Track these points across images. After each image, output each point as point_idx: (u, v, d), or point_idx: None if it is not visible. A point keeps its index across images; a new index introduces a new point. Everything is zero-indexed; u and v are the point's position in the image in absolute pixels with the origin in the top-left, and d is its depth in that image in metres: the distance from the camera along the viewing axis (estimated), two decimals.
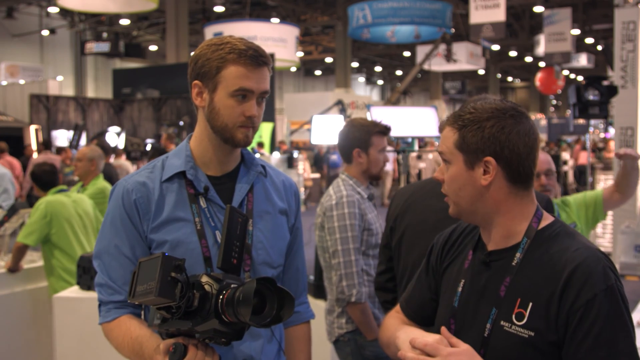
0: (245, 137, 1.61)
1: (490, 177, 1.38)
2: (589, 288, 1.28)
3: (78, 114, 17.80)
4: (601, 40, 22.76)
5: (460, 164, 1.40)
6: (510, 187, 1.39)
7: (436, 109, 5.26)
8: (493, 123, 1.37)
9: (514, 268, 1.37)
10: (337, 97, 18.35)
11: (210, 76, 1.59)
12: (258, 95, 1.60)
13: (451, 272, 1.54)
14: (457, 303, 1.46)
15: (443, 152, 1.44)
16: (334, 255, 2.76)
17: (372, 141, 2.86)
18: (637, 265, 4.25)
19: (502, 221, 1.41)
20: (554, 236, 1.39)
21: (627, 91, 6.59)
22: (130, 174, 1.70)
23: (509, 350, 1.33)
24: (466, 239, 1.56)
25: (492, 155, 1.37)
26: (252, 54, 1.58)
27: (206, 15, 23.59)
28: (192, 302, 1.36)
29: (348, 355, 2.88)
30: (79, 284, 3.90)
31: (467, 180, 1.40)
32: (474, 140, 1.37)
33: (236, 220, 1.54)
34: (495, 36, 15.42)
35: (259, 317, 1.34)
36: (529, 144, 1.38)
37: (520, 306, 1.33)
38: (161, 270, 1.33)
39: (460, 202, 1.43)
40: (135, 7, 16.77)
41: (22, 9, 24.09)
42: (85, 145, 5.83)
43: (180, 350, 1.36)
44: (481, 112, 1.39)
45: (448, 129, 1.43)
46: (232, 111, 1.58)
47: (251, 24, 20.83)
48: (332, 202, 2.79)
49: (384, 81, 43.63)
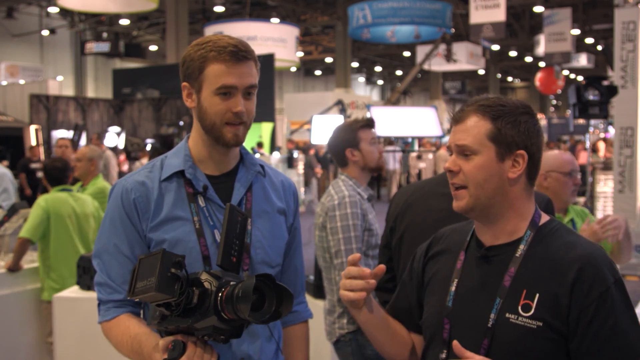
0: (234, 137, 1.60)
1: (519, 171, 1.40)
2: (601, 281, 1.31)
3: (78, 114, 17.80)
4: (601, 40, 22.76)
5: (491, 156, 1.39)
6: (526, 184, 1.43)
7: (436, 109, 5.28)
8: (527, 119, 1.40)
9: (518, 259, 1.39)
10: (337, 97, 18.35)
11: (195, 76, 1.60)
12: (243, 90, 1.59)
13: (439, 277, 1.54)
14: (451, 302, 1.46)
15: (467, 145, 1.40)
16: (336, 255, 2.76)
17: (359, 136, 2.89)
18: (637, 265, 4.26)
19: (511, 216, 1.43)
20: (554, 232, 1.42)
21: (627, 91, 6.60)
22: (130, 173, 1.71)
23: (517, 342, 1.34)
24: (450, 244, 1.57)
25: (525, 150, 1.40)
26: (232, 50, 1.57)
27: (206, 15, 23.61)
28: (192, 299, 1.36)
29: (349, 355, 2.87)
30: (79, 284, 3.90)
31: (496, 172, 1.40)
32: (510, 133, 1.39)
33: (236, 218, 1.54)
34: (495, 36, 15.43)
35: (258, 314, 1.34)
36: (543, 144, 1.45)
37: (526, 297, 1.35)
38: (161, 267, 1.33)
39: (481, 195, 1.40)
40: (135, 7, 16.78)
41: (22, 9, 24.09)
42: (85, 145, 5.83)
43: (180, 348, 1.36)
44: (513, 107, 1.41)
45: (476, 118, 1.41)
46: (217, 108, 1.58)
47: (251, 24, 20.85)
48: (335, 202, 2.79)
49: (384, 81, 43.63)
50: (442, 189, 2.11)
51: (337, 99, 15.34)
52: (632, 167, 6.63)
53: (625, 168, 6.66)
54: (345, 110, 14.39)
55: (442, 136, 11.73)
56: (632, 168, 6.63)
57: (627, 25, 6.61)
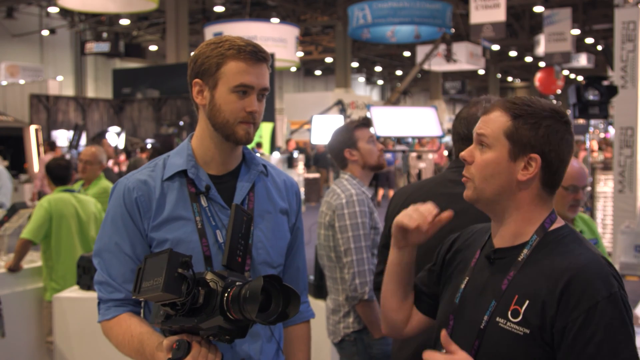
0: (246, 134, 1.61)
1: (529, 175, 1.37)
2: (591, 295, 1.25)
3: (78, 114, 17.81)
4: (601, 40, 22.73)
5: (504, 153, 1.38)
6: (540, 190, 1.39)
7: (436, 109, 5.27)
8: (550, 123, 1.36)
9: (519, 263, 1.37)
10: (337, 97, 18.37)
11: (210, 73, 1.60)
12: (258, 91, 1.61)
13: (456, 273, 1.54)
14: (458, 299, 1.46)
15: (485, 135, 1.40)
16: (346, 253, 2.75)
17: (356, 136, 2.90)
18: (637, 265, 4.25)
19: (518, 218, 1.40)
20: (561, 239, 1.38)
21: (627, 91, 6.60)
22: (132, 172, 1.70)
23: (503, 347, 1.32)
24: (473, 241, 1.56)
25: (540, 154, 1.36)
26: (252, 50, 1.59)
27: (206, 15, 23.60)
28: (197, 299, 1.36)
29: (354, 355, 2.85)
30: (79, 284, 3.90)
31: (505, 170, 1.38)
32: (527, 134, 1.36)
33: (241, 219, 1.53)
34: (495, 36, 15.42)
35: (265, 315, 1.33)
36: (570, 153, 1.40)
37: (516, 303, 1.33)
38: (168, 267, 1.32)
39: (486, 189, 1.40)
40: (135, 7, 16.78)
41: (22, 9, 24.09)
42: (90, 146, 5.79)
43: (185, 347, 1.35)
44: (539, 109, 1.37)
45: (498, 113, 1.40)
46: (233, 106, 1.59)
47: (251, 24, 20.85)
48: (342, 200, 2.79)
49: (384, 81, 43.62)
50: (442, 189, 2.11)
51: (337, 99, 15.36)
52: (632, 167, 6.63)
53: (625, 168, 6.66)
54: (345, 110, 14.40)
55: (442, 136, 11.74)
56: (632, 168, 6.63)
57: (627, 25, 6.61)
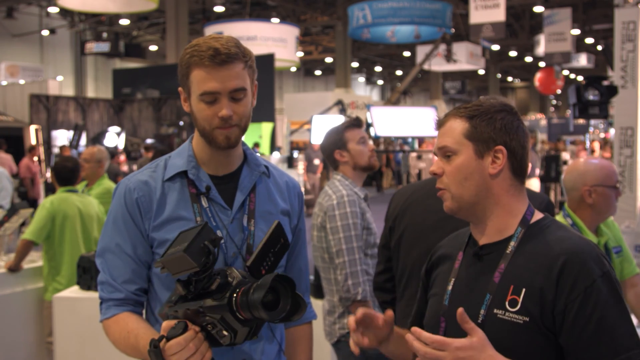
0: (225, 139, 1.58)
1: (499, 166, 1.43)
2: (587, 275, 1.31)
3: (78, 114, 17.80)
4: (601, 40, 22.74)
5: (470, 153, 1.43)
6: (512, 179, 1.45)
7: (436, 109, 5.28)
8: (503, 116, 1.44)
9: (508, 256, 1.41)
10: (337, 97, 18.36)
11: (184, 82, 1.60)
12: (228, 94, 1.55)
13: (440, 280, 1.56)
14: (447, 301, 1.48)
15: (447, 145, 1.45)
16: (337, 254, 2.76)
17: (346, 137, 2.91)
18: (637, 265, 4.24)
19: (500, 213, 1.44)
20: (545, 228, 1.43)
21: (627, 91, 6.59)
22: (133, 172, 1.71)
23: (505, 337, 1.34)
24: (450, 248, 1.58)
25: (503, 145, 1.43)
26: (211, 54, 1.52)
27: (206, 15, 23.60)
28: (211, 284, 1.39)
29: (350, 355, 2.86)
30: (79, 284, 3.90)
31: (475, 169, 1.43)
32: (486, 130, 1.43)
33: (279, 239, 1.55)
34: (495, 36, 15.44)
35: (273, 313, 1.35)
36: (527, 140, 1.47)
37: (513, 293, 1.36)
38: (197, 235, 1.36)
39: (464, 194, 1.44)
40: (135, 7, 16.78)
41: (22, 9, 24.09)
42: (91, 146, 5.83)
43: (181, 327, 1.37)
44: (489, 106, 1.45)
45: (453, 120, 1.47)
46: (205, 114, 1.57)
47: (251, 24, 20.86)
48: (333, 201, 2.79)
49: (384, 81, 43.63)
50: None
51: (337, 99, 15.34)
52: (632, 167, 6.63)
53: (625, 168, 6.66)
54: (345, 110, 14.39)
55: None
56: (632, 168, 6.63)
57: (627, 25, 6.61)
